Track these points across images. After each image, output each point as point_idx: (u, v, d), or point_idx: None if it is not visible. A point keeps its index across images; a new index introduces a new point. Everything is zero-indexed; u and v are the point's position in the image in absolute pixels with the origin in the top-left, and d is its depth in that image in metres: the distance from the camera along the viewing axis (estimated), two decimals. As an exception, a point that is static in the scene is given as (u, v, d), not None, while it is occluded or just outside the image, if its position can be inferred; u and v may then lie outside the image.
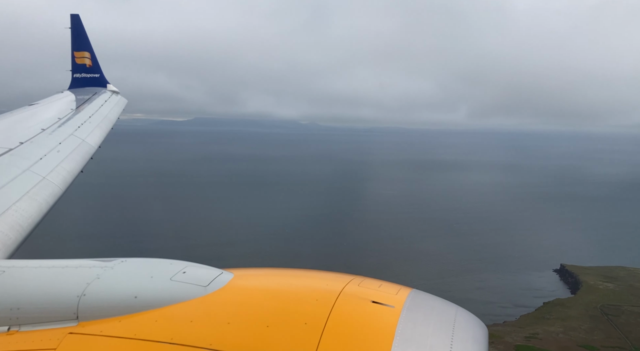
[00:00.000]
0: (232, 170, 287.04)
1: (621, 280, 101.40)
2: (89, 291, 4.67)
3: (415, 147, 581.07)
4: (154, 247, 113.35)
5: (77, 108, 17.56)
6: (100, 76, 23.76)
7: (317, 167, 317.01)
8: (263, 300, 4.52)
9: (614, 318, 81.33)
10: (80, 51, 23.38)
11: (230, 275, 4.89)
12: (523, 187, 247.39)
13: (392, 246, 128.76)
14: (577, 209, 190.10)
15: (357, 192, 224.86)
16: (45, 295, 4.79)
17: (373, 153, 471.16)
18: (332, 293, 4.48)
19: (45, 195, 9.34)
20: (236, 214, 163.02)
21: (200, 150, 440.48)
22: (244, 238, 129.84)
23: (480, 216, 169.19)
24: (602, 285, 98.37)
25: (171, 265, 5.06)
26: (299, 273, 5.30)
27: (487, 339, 4.39)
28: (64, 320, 4.54)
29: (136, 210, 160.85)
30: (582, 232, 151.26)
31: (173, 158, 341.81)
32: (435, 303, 4.67)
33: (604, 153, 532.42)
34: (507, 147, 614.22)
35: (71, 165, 11.48)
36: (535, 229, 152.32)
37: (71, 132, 13.72)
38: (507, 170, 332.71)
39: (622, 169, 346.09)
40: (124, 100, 22.65)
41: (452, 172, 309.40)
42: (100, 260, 5.30)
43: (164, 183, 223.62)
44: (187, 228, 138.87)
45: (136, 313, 4.45)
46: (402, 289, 4.77)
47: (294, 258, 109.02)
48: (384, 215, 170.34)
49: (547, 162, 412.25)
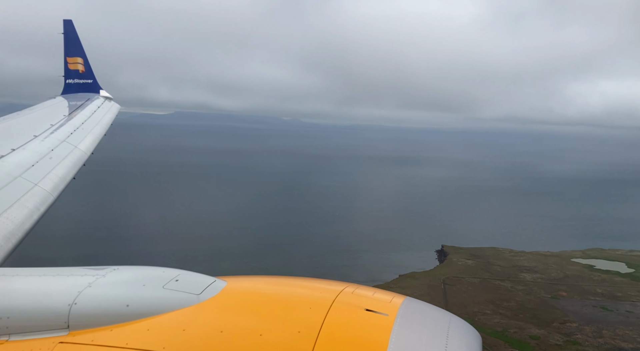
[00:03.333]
0: (183, 162, 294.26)
1: (484, 258, 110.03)
2: (80, 299, 4.60)
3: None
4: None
5: (70, 114, 17.42)
6: (93, 82, 23.80)
7: (276, 162, 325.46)
8: (256, 308, 4.49)
9: (448, 287, 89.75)
10: (73, 57, 23.34)
11: (224, 283, 4.87)
12: (441, 180, 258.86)
13: (297, 230, 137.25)
14: (494, 200, 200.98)
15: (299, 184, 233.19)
16: (36, 304, 4.70)
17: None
18: (326, 301, 4.46)
19: (37, 202, 9.23)
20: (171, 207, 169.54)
21: (165, 143, 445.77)
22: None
23: (392, 205, 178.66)
24: (462, 261, 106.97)
25: (164, 273, 5.02)
26: (293, 281, 5.28)
27: (480, 347, 4.43)
28: (55, 329, 4.46)
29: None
30: (486, 220, 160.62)
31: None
32: (429, 311, 4.69)
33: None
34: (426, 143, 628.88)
35: (63, 171, 11.41)
36: (438, 216, 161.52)
37: (63, 139, 13.68)
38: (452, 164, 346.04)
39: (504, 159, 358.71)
40: (116, 106, 22.52)
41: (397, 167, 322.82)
42: (92, 268, 5.25)
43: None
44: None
45: (128, 322, 4.40)
46: (395, 297, 4.76)
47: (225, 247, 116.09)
48: (314, 204, 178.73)
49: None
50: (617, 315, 79.34)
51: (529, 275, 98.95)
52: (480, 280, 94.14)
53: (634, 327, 74.15)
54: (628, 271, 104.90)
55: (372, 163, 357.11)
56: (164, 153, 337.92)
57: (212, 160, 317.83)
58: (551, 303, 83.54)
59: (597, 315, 78.88)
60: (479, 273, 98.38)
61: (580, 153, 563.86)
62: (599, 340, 69.61)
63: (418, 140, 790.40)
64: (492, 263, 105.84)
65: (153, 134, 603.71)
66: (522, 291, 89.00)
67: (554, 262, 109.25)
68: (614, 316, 78.97)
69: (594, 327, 73.60)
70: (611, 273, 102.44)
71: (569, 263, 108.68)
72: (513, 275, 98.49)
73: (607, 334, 71.38)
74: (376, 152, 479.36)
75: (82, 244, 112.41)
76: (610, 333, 71.77)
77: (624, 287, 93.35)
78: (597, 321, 76.19)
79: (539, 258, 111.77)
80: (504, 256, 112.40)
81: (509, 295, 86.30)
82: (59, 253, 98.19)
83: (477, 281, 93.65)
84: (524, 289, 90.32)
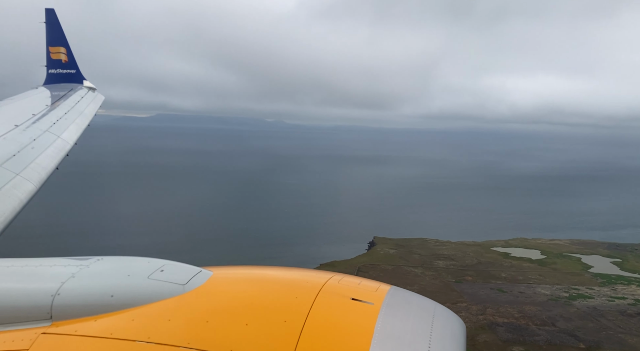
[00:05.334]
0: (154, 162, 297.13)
1: (408, 247, 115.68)
2: (64, 290, 4.56)
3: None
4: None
5: (53, 104, 17.12)
6: (76, 72, 23.32)
7: (248, 161, 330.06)
8: (242, 298, 4.53)
9: (360, 273, 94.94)
10: (55, 46, 22.86)
11: (209, 273, 4.89)
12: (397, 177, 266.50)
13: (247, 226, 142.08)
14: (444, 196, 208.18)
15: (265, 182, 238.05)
16: (18, 295, 4.66)
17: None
18: (312, 290, 4.54)
19: (19, 192, 9.06)
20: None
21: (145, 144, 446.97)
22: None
23: (341, 200, 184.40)
24: (385, 250, 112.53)
25: (149, 263, 5.01)
26: (279, 271, 5.34)
27: (465, 335, 4.59)
28: (38, 320, 4.43)
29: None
30: (428, 213, 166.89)
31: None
32: (414, 300, 4.80)
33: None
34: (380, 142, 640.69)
35: (46, 161, 11.21)
36: (383, 211, 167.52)
37: (46, 129, 13.41)
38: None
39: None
40: (100, 97, 22.30)
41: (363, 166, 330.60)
42: (75, 259, 5.19)
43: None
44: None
45: (113, 312, 4.39)
46: (381, 286, 4.88)
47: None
48: (266, 201, 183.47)
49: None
50: (509, 296, 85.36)
51: (444, 262, 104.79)
52: (394, 267, 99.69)
53: (517, 305, 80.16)
54: (540, 258, 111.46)
55: (342, 162, 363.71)
56: (139, 155, 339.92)
57: (183, 160, 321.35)
58: (452, 287, 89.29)
59: (490, 296, 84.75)
60: (395, 261, 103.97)
61: (549, 151, 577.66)
62: (480, 316, 75.33)
63: (395, 140, 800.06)
64: (413, 252, 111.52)
65: (132, 136, 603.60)
66: (430, 277, 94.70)
67: (474, 250, 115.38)
68: (505, 296, 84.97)
69: (481, 306, 79.38)
70: (523, 260, 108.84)
71: (487, 252, 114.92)
72: (428, 262, 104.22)
73: (490, 312, 77.19)
74: (350, 151, 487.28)
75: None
76: (493, 311, 77.60)
77: (528, 272, 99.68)
78: (487, 301, 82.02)
79: (460, 247, 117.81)
80: (428, 246, 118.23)
81: (415, 280, 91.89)
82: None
83: (390, 268, 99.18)
84: (433, 274, 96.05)
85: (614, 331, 71.52)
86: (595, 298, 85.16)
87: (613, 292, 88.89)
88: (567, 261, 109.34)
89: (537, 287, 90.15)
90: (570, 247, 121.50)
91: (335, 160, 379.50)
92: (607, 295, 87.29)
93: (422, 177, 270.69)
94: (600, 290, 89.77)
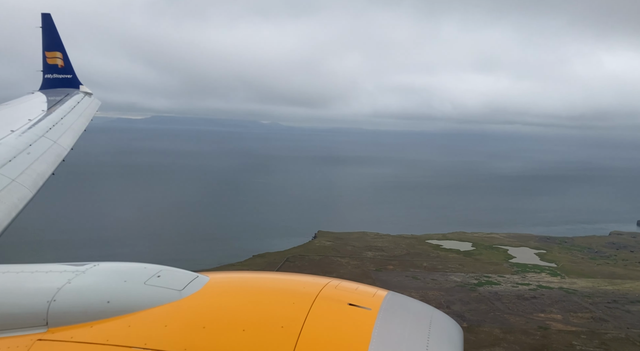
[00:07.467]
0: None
1: (345, 240, 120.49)
2: (60, 296, 4.54)
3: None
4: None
5: (49, 109, 17.14)
6: (72, 77, 23.42)
7: (230, 162, 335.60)
8: (239, 303, 4.53)
9: (288, 263, 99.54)
10: (52, 51, 22.86)
11: (206, 279, 4.89)
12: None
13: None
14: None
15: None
16: (13, 301, 4.64)
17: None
18: (309, 296, 4.51)
19: (14, 198, 9.04)
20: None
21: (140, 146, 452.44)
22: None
23: (303, 198, 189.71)
24: (322, 243, 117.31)
25: (145, 269, 4.99)
26: (276, 277, 5.42)
27: (462, 340, 4.57)
28: (33, 326, 4.40)
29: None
30: (383, 209, 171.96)
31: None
32: (412, 305, 4.80)
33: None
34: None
35: (42, 167, 11.22)
36: (340, 208, 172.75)
37: (42, 134, 13.43)
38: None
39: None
40: (97, 102, 22.27)
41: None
42: (71, 265, 5.19)
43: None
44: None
45: (109, 318, 4.37)
46: (378, 291, 4.84)
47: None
48: (233, 198, 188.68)
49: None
50: (420, 282, 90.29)
51: (373, 253, 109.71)
52: (322, 258, 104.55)
53: (423, 291, 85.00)
54: (469, 249, 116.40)
55: (323, 162, 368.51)
56: (128, 155, 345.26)
57: (171, 161, 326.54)
58: (370, 275, 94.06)
59: (402, 283, 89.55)
60: (326, 252, 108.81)
61: (532, 152, 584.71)
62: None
63: (389, 142, 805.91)
64: (347, 244, 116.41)
65: (128, 138, 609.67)
66: (353, 266, 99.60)
67: (408, 243, 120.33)
68: (416, 283, 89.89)
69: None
70: (451, 251, 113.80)
71: (420, 244, 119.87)
72: (358, 253, 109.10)
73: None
74: (338, 152, 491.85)
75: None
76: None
77: (449, 262, 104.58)
78: (397, 287, 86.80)
79: (397, 240, 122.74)
80: (366, 238, 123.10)
81: (336, 269, 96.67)
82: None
83: (318, 258, 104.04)
84: (356, 264, 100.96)
85: (501, 312, 76.51)
86: (501, 285, 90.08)
87: (521, 279, 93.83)
88: (494, 252, 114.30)
89: (451, 275, 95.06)
90: (503, 240, 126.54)
91: (316, 160, 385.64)
92: (514, 282, 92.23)
93: (393, 176, 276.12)
94: (510, 278, 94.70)
